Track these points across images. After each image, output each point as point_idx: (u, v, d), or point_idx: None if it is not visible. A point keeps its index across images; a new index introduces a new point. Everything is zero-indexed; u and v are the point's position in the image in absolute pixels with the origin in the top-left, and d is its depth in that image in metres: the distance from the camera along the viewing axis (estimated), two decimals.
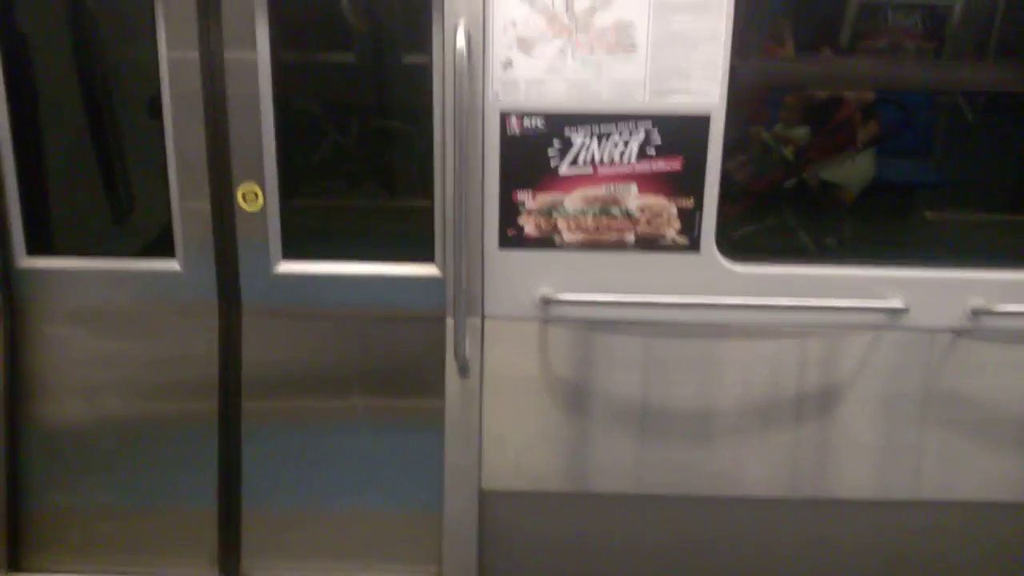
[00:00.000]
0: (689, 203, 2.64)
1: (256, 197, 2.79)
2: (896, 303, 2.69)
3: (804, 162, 3.51)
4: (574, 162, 2.61)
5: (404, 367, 2.92)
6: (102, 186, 3.16)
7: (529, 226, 2.67)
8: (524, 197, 2.64)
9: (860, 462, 2.86)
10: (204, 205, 2.79)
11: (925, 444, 2.84)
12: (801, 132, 3.56)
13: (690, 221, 2.65)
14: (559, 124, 2.58)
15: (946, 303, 2.72)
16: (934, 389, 2.79)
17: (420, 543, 3.02)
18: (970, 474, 2.86)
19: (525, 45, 2.52)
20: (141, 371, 2.94)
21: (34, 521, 3.04)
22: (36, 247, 2.90)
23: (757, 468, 2.87)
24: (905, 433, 2.83)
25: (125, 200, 3.19)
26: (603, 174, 2.63)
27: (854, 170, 3.51)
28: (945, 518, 2.92)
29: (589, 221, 2.66)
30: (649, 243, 2.68)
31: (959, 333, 2.74)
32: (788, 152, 3.49)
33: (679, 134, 2.58)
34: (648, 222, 2.66)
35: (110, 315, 2.90)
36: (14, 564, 3.05)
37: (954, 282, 2.72)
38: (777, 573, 3.00)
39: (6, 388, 2.92)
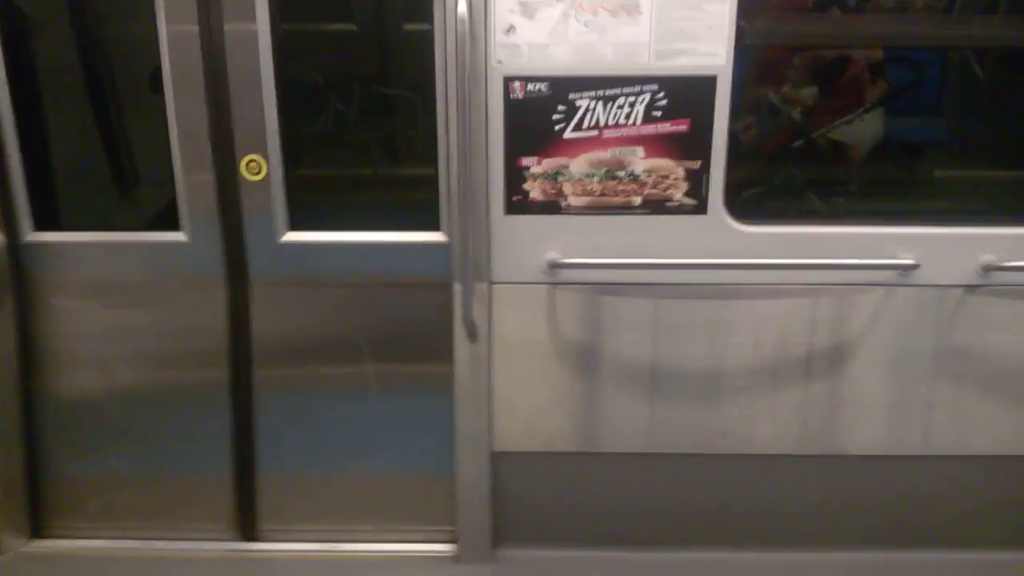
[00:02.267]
0: (696, 165, 2.62)
1: (260, 167, 2.79)
2: (907, 260, 2.68)
3: (812, 122, 3.48)
4: (579, 126, 2.59)
5: (413, 333, 2.93)
6: (106, 160, 3.16)
7: (534, 191, 2.66)
8: (529, 162, 2.63)
9: (871, 418, 2.87)
10: (208, 177, 2.79)
11: (937, 399, 2.84)
12: (808, 92, 3.52)
13: (697, 183, 2.64)
14: (563, 88, 2.56)
15: (957, 260, 2.70)
16: (945, 345, 2.79)
17: (433, 505, 3.05)
18: (982, 429, 2.87)
19: (527, 9, 2.50)
20: (152, 342, 2.96)
21: (53, 490, 3.09)
22: (42, 222, 2.91)
23: (768, 426, 2.88)
24: (917, 389, 2.83)
25: (129, 174, 3.20)
26: (608, 137, 2.61)
27: (863, 129, 3.48)
28: (957, 473, 2.93)
29: (595, 185, 2.65)
30: (656, 206, 2.66)
31: (970, 289, 2.73)
32: (796, 113, 3.46)
33: (685, 96, 2.56)
34: (655, 185, 2.64)
35: (118, 287, 2.92)
36: (36, 531, 3.10)
37: (965, 238, 2.70)
38: (789, 530, 3.02)
39: (19, 360, 2.95)
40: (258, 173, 2.79)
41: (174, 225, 2.86)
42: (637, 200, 2.66)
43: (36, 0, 2.89)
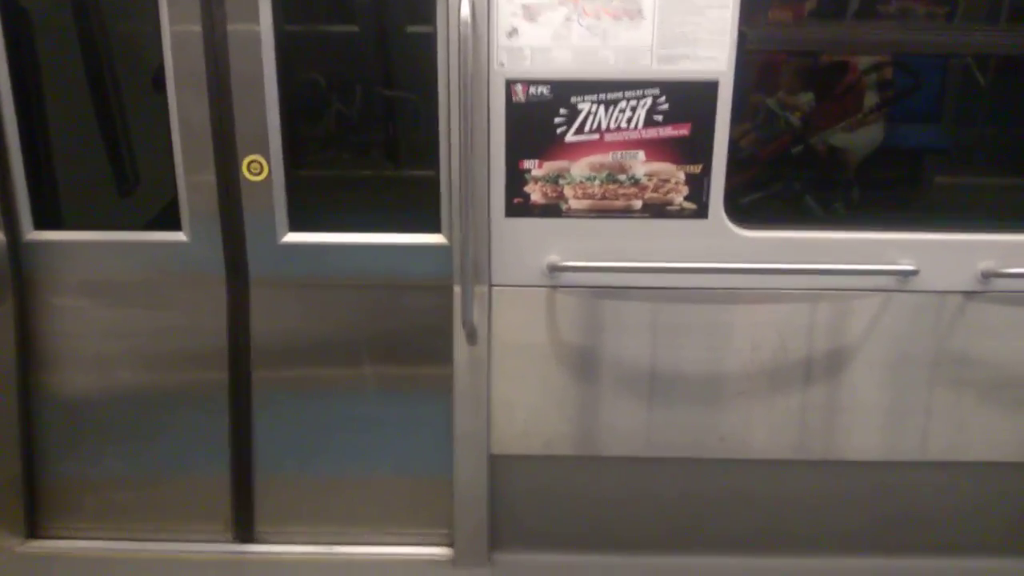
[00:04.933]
0: (697, 169, 2.63)
1: (261, 168, 2.79)
2: (907, 266, 2.68)
3: (811, 128, 3.48)
4: (580, 129, 2.60)
5: (412, 335, 2.94)
6: (108, 160, 3.16)
7: (535, 194, 2.66)
8: (530, 165, 2.63)
9: (869, 424, 2.87)
10: (210, 177, 2.80)
11: (934, 406, 2.85)
12: (805, 98, 3.53)
13: (698, 187, 2.64)
14: (565, 91, 2.56)
15: (956, 266, 2.71)
16: (944, 351, 2.79)
17: (431, 508, 3.05)
18: (979, 435, 2.87)
19: (530, 13, 2.50)
20: (151, 342, 2.96)
21: (50, 490, 3.09)
22: (43, 221, 2.91)
23: (766, 431, 2.88)
24: (914, 395, 2.84)
25: (131, 173, 3.20)
26: (610, 141, 2.61)
27: (861, 135, 3.49)
28: (954, 479, 2.94)
29: (596, 188, 2.65)
30: (657, 209, 2.67)
31: (969, 295, 2.74)
32: (795, 118, 3.46)
33: (687, 100, 2.57)
34: (655, 188, 2.65)
35: (119, 287, 2.92)
36: (32, 532, 3.10)
37: (964, 244, 2.71)
38: (787, 535, 3.02)
39: (18, 359, 2.95)
40: (259, 174, 2.80)
41: (175, 225, 2.87)
42: (638, 204, 2.67)
43: None
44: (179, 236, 2.87)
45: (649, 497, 2.98)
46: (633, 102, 2.58)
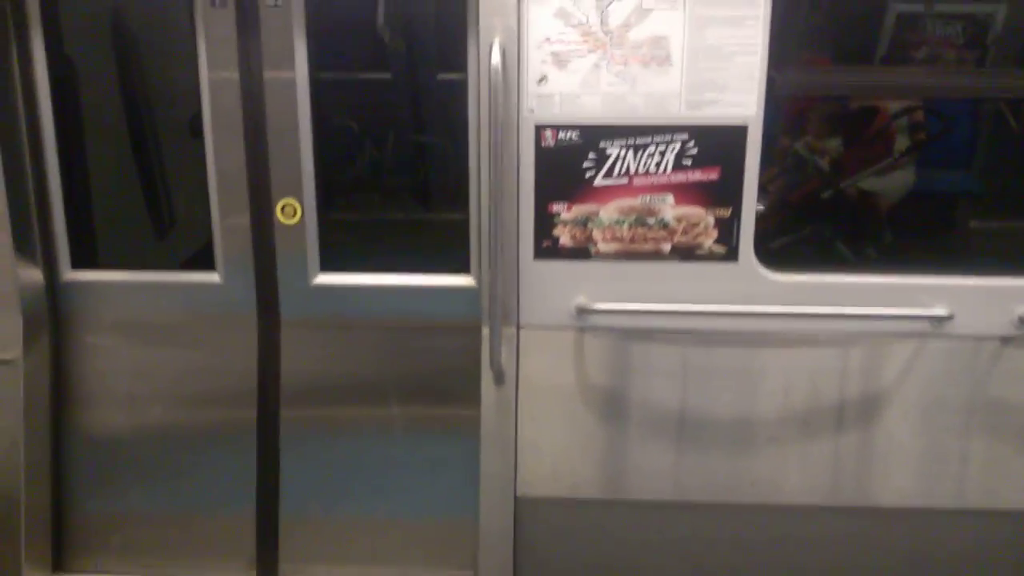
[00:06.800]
0: (727, 213, 2.63)
1: (295, 211, 2.84)
2: (940, 311, 2.65)
3: (841, 172, 3.48)
4: (609, 173, 2.61)
5: (440, 376, 2.94)
6: (145, 202, 3.23)
7: (564, 237, 2.67)
8: (559, 208, 2.65)
9: (903, 470, 2.81)
10: (244, 220, 2.85)
11: (970, 452, 2.78)
12: (833, 143, 3.53)
13: (728, 230, 2.64)
14: (594, 136, 2.58)
15: (992, 311, 2.67)
16: (980, 397, 2.74)
17: (456, 550, 3.03)
18: (1016, 482, 2.80)
19: (560, 60, 2.54)
20: (182, 381, 2.99)
21: (78, 525, 3.10)
22: (80, 261, 2.97)
23: (798, 476, 2.83)
24: (950, 441, 2.78)
25: (167, 216, 3.26)
26: (639, 185, 2.62)
27: (892, 179, 3.47)
28: (990, 527, 2.85)
29: (624, 231, 2.66)
30: (686, 253, 2.67)
31: (1006, 340, 2.69)
32: (824, 163, 3.46)
33: (716, 145, 2.57)
34: (685, 232, 2.65)
35: (152, 327, 2.97)
36: (58, 566, 3.10)
37: (1000, 289, 2.67)
38: None
39: (51, 396, 2.99)
40: (293, 217, 2.84)
41: (209, 266, 2.91)
42: (667, 247, 2.67)
43: (83, 48, 2.99)
44: (213, 277, 2.92)
45: (677, 542, 2.93)
46: (662, 147, 2.59)
